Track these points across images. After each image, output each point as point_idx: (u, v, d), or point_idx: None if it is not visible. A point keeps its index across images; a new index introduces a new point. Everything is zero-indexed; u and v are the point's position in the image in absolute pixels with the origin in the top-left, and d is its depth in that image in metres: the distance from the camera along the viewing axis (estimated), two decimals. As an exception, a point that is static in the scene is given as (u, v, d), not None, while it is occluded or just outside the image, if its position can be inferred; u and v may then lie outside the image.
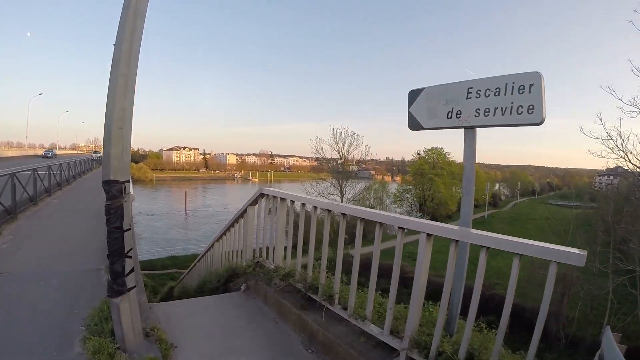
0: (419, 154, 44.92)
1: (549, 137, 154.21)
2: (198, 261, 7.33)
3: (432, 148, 43.80)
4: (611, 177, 58.91)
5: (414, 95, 2.75)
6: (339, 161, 32.55)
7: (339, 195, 29.41)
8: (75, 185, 15.48)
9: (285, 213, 4.01)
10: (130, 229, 2.68)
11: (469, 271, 2.32)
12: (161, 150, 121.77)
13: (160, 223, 40.62)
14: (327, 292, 3.03)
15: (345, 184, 29.86)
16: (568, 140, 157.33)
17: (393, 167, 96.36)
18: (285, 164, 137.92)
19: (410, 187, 42.78)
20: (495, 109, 2.28)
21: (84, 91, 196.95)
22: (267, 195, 4.24)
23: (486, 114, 2.33)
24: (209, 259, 6.25)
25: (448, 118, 2.54)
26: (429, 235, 2.27)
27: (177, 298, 7.00)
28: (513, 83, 2.19)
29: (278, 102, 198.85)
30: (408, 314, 2.33)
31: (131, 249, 2.69)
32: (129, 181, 2.66)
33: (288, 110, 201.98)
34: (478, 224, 37.64)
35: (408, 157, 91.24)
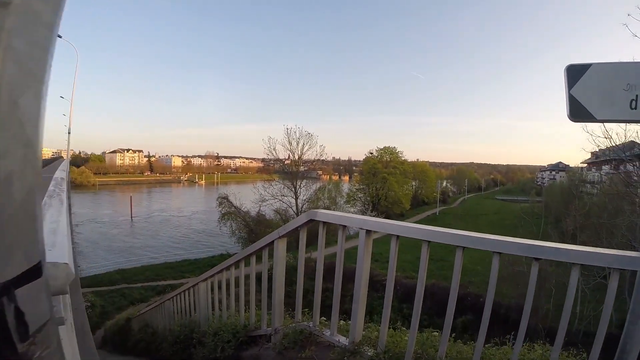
0: (371, 154, 44.24)
1: (490, 134, 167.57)
2: (168, 299, 5.74)
3: (385, 147, 43.52)
4: (553, 172, 64.19)
5: (575, 73, 1.78)
6: (285, 161, 30.32)
7: (294, 197, 26.96)
8: None
9: (370, 252, 2.22)
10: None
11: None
12: (104, 153, 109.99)
13: (104, 229, 37.43)
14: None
15: (300, 185, 27.50)
16: (503, 137, 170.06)
17: (340, 166, 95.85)
18: (231, 165, 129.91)
19: (364, 186, 41.79)
20: None
21: None
22: (324, 222, 2.48)
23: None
24: (183, 303, 4.94)
25: (632, 109, 1.68)
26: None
27: (137, 334, 6.89)
28: None
29: (222, 102, 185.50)
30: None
31: None
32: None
33: (233, 111, 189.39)
34: (431, 220, 38.39)
35: (355, 157, 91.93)
